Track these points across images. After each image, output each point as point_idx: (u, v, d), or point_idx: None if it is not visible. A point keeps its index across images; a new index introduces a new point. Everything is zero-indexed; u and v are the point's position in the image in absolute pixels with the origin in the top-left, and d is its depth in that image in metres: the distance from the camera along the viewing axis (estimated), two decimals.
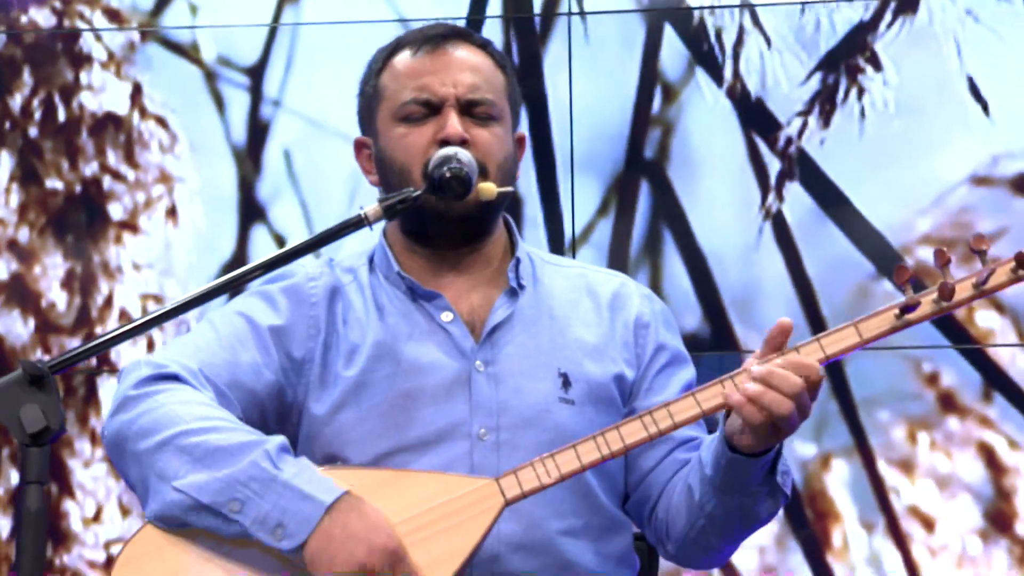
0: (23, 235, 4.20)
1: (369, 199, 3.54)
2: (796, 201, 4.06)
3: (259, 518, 2.02)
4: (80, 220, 4.19)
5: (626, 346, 2.27)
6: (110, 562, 4.09)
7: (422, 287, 2.24)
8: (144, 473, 2.10)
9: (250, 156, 4.18)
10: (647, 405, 2.23)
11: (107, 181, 4.20)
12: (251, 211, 4.17)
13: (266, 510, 2.02)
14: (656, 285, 4.07)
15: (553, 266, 2.33)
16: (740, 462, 2.08)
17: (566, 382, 2.20)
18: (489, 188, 2.14)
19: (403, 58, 2.27)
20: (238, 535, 2.05)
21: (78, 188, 4.20)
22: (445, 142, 2.19)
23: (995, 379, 3.95)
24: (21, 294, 4.18)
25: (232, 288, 2.02)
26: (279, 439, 2.10)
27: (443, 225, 2.20)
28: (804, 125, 4.07)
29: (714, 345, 4.06)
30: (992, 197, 4.04)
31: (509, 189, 2.20)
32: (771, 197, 4.06)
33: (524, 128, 4.16)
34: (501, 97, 2.28)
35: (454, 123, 2.20)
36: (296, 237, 4.14)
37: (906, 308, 2.05)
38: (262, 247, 4.15)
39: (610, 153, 4.12)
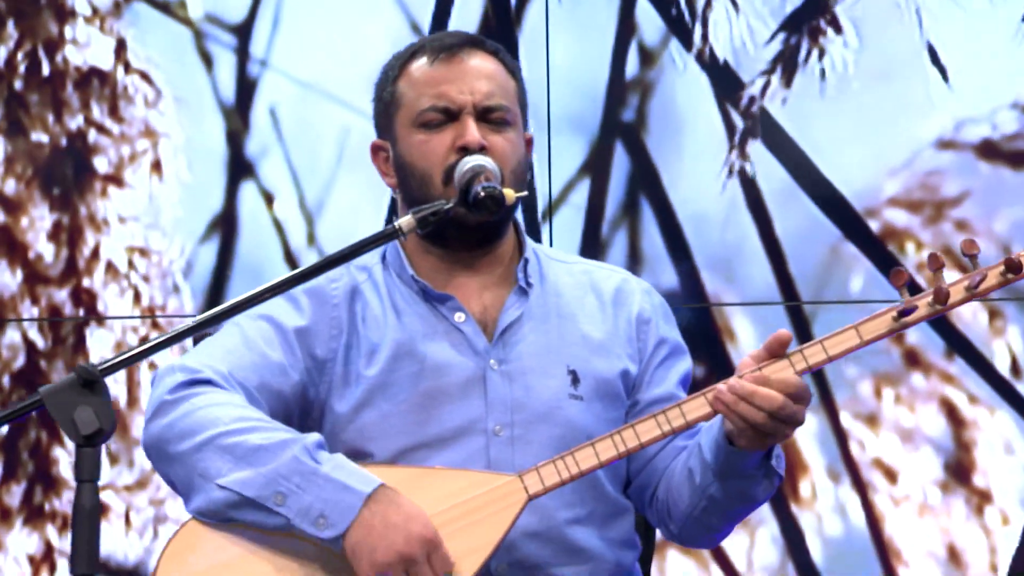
0: (10, 187, 4.26)
1: (358, 164, 3.68)
2: (760, 159, 4.20)
3: (302, 510, 2.13)
4: (66, 173, 4.26)
5: (629, 341, 2.37)
6: (100, 508, 4.23)
7: (434, 290, 2.32)
8: (186, 472, 2.20)
9: (238, 113, 4.27)
10: (648, 397, 2.35)
11: (92, 135, 4.26)
12: (240, 167, 4.24)
13: (308, 502, 2.13)
14: (634, 244, 4.22)
15: (558, 263, 2.42)
16: (738, 453, 2.21)
17: (575, 379, 2.31)
18: (508, 194, 2.23)
19: (420, 66, 2.35)
20: (281, 527, 2.16)
21: (64, 141, 4.25)
22: (464, 149, 2.28)
23: (954, 339, 4.13)
24: (9, 245, 4.22)
25: (273, 294, 2.08)
26: (315, 436, 2.21)
27: (462, 230, 2.28)
28: (767, 85, 4.21)
29: (686, 300, 4.21)
30: (957, 161, 4.20)
31: (524, 193, 2.29)
32: (735, 155, 4.20)
33: None
34: (514, 102, 2.36)
35: (473, 131, 2.28)
36: (284, 194, 4.23)
37: (904, 312, 2.20)
38: (251, 203, 4.23)
39: (588, 114, 4.25)
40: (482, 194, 2.19)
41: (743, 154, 4.14)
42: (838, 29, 4.14)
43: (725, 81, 4.16)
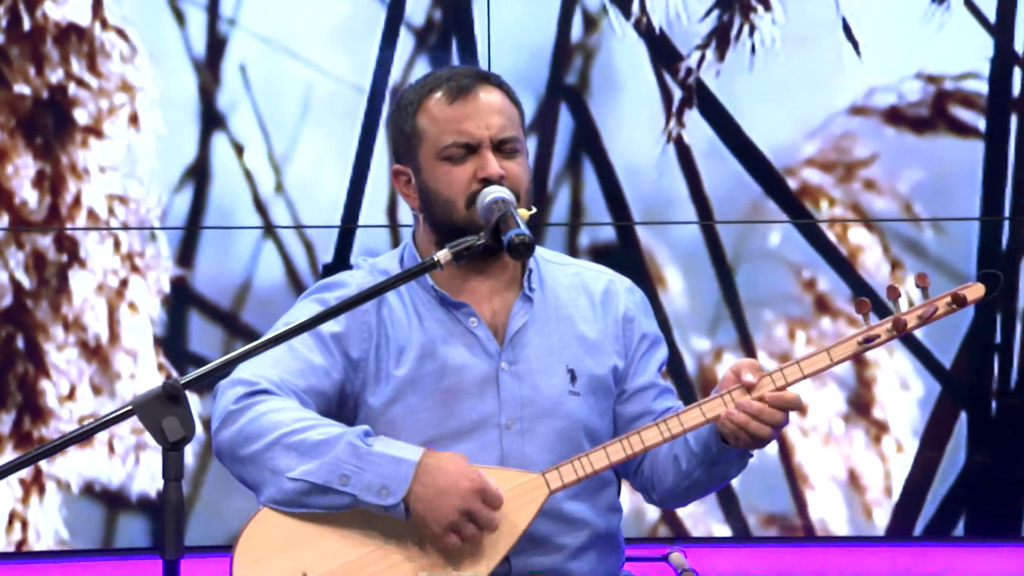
0: None
1: (321, 118, 3.90)
2: (695, 126, 4.47)
3: (365, 486, 2.41)
4: (48, 124, 4.42)
5: (617, 339, 2.64)
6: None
7: (451, 298, 2.57)
8: (258, 470, 2.45)
9: (209, 68, 4.46)
10: (634, 386, 2.64)
11: (72, 88, 4.42)
12: (212, 120, 4.43)
13: (369, 478, 2.41)
14: (576, 197, 4.50)
15: (553, 264, 2.66)
16: (726, 449, 2.52)
17: (573, 377, 2.58)
18: (523, 214, 2.49)
19: (439, 104, 2.57)
20: (348, 505, 2.42)
21: (45, 94, 4.41)
22: (486, 180, 2.52)
23: (859, 287, 4.47)
24: None
25: (322, 321, 2.35)
26: (363, 427, 2.48)
27: (483, 245, 2.47)
28: (702, 58, 4.49)
29: (623, 251, 4.51)
30: (867, 126, 4.49)
31: (534, 210, 2.54)
32: (672, 123, 4.48)
33: (455, 54, 4.51)
34: (519, 129, 2.60)
35: (493, 164, 2.53)
36: (253, 145, 4.42)
37: (867, 339, 2.51)
38: (222, 153, 4.43)
39: (535, 75, 4.50)
40: (516, 241, 2.42)
41: (680, 122, 4.43)
42: (767, 6, 4.42)
43: (662, 50, 4.44)
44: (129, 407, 2.26)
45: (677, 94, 4.43)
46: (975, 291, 2.58)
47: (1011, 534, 4.48)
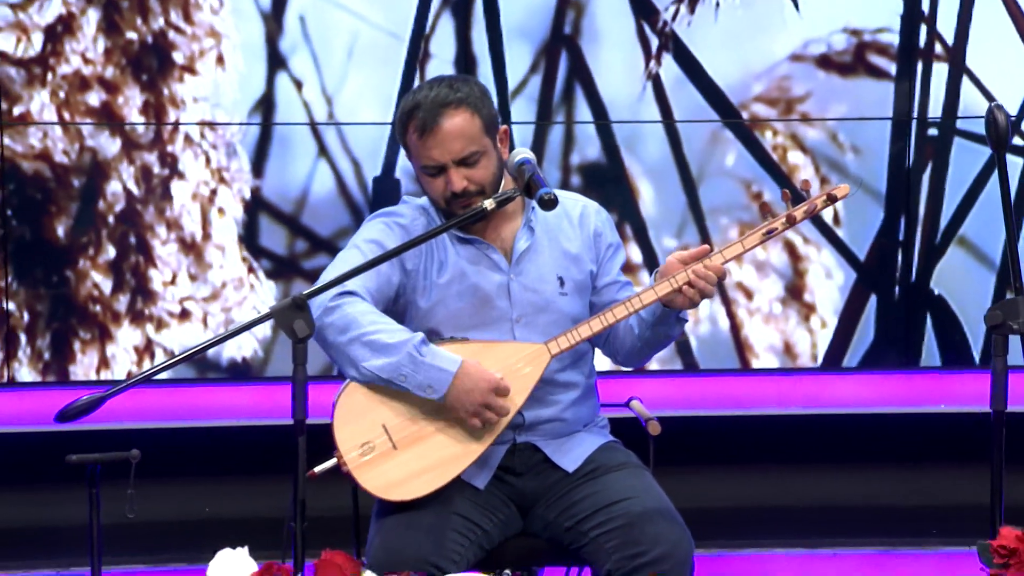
0: (109, 72, 5.22)
1: (364, 60, 4.72)
2: (668, 68, 5.30)
3: (417, 384, 3.23)
4: (152, 63, 5.23)
5: (590, 249, 3.44)
6: (184, 313, 5.27)
7: (467, 235, 3.36)
8: (343, 356, 3.25)
9: (274, 18, 5.32)
10: (602, 283, 3.44)
11: (171, 34, 5.21)
12: (276, 60, 5.25)
13: (420, 379, 3.23)
14: (569, 122, 5.39)
15: None
16: (668, 312, 3.33)
17: (562, 283, 3.39)
18: (490, 203, 3.22)
19: (412, 136, 3.25)
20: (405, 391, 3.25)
21: (149, 39, 5.21)
22: (453, 192, 3.25)
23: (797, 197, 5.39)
24: (109, 118, 5.22)
25: (391, 257, 3.19)
26: (420, 336, 3.21)
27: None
28: (676, 12, 5.38)
29: (609, 174, 5.36)
30: (803, 70, 5.34)
31: (502, 197, 3.20)
32: (652, 64, 5.34)
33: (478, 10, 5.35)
34: (481, 137, 3.24)
35: (455, 181, 3.24)
36: (310, 82, 5.23)
37: (768, 232, 3.26)
38: (285, 88, 5.26)
39: (539, 27, 5.30)
40: (546, 199, 3.16)
41: (659, 62, 5.27)
42: None
43: (640, 4, 5.32)
44: (268, 313, 2.98)
45: (655, 41, 5.24)
46: (842, 190, 3.19)
47: (911, 365, 5.38)
